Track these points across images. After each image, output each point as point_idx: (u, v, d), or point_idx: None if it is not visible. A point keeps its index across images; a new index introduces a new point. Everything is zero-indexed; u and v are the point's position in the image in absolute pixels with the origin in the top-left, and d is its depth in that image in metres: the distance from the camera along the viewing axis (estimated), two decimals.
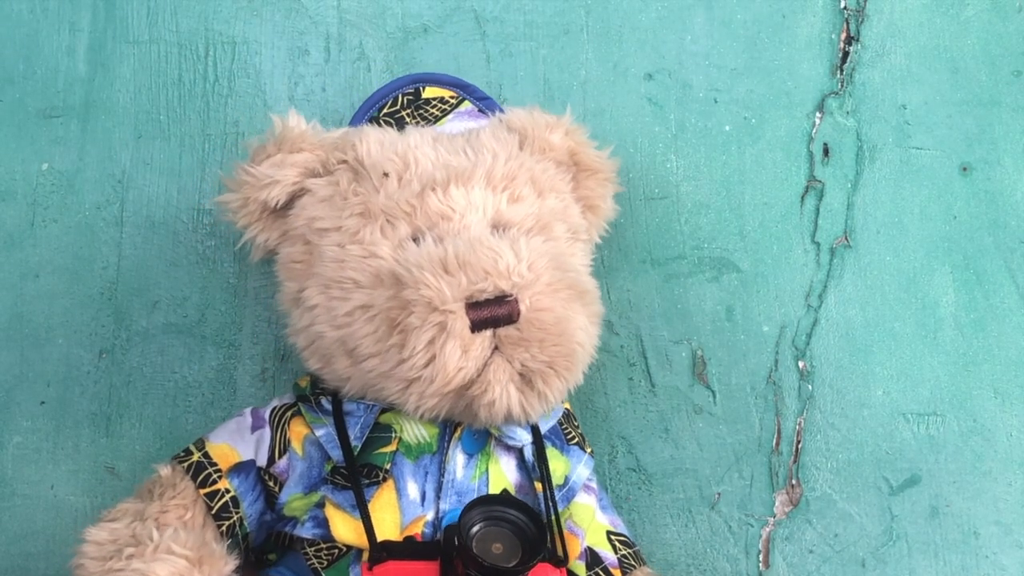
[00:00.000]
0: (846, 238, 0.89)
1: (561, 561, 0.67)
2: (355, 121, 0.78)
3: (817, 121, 0.91)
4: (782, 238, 0.89)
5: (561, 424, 0.75)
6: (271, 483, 0.70)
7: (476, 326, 0.64)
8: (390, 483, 0.67)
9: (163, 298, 0.88)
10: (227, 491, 0.69)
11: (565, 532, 0.71)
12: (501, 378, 0.64)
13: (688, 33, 0.92)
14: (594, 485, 0.76)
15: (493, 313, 0.64)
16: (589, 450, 0.75)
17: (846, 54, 0.92)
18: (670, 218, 0.90)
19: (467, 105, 0.79)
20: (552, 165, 0.75)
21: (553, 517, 0.69)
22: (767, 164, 0.90)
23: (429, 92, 0.79)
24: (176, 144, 0.90)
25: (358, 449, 0.68)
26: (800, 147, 0.91)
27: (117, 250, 0.88)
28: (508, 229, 0.69)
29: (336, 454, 0.68)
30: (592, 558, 0.73)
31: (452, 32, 0.92)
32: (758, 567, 0.85)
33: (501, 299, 0.64)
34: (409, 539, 0.65)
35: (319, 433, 0.69)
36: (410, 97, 0.78)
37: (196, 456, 0.70)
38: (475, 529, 0.61)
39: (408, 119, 0.77)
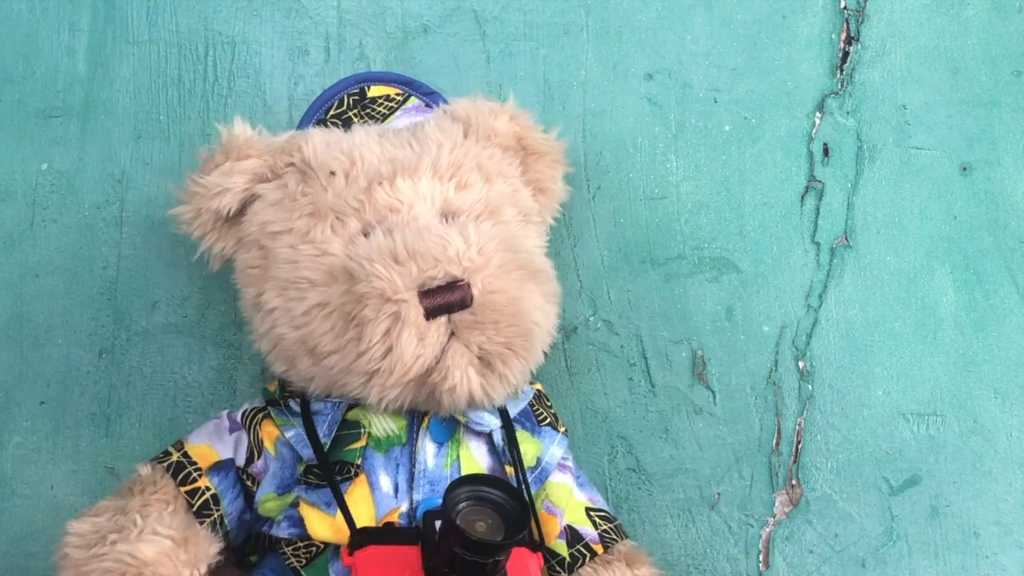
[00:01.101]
0: (846, 238, 0.89)
1: (537, 545, 0.68)
2: (302, 125, 0.78)
3: (817, 121, 0.91)
4: (782, 238, 0.89)
5: (532, 406, 0.75)
6: (249, 483, 0.70)
7: (430, 313, 0.64)
8: (362, 478, 0.67)
9: (163, 298, 0.88)
10: (207, 489, 0.69)
11: (542, 513, 0.72)
12: (460, 363, 0.65)
13: (688, 33, 0.92)
14: (570, 464, 0.76)
15: (446, 299, 0.64)
16: (563, 429, 0.76)
17: (846, 54, 0.92)
18: (670, 218, 0.90)
19: (413, 101, 0.79)
20: (498, 151, 0.76)
21: (528, 495, 0.69)
22: (767, 164, 0.90)
23: (375, 91, 0.79)
24: (176, 144, 0.90)
25: (328, 446, 0.68)
26: (800, 147, 0.91)
27: (117, 250, 0.88)
28: (457, 216, 0.70)
29: (307, 453, 0.68)
30: (572, 536, 0.73)
31: (452, 32, 0.92)
32: (758, 567, 0.85)
33: (453, 285, 0.64)
34: (388, 524, 0.66)
35: (289, 435, 0.70)
36: (355, 97, 0.78)
37: (175, 456, 0.70)
38: (460, 507, 0.61)
39: (355, 119, 0.77)
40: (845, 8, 0.92)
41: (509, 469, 0.70)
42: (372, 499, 0.67)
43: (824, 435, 0.87)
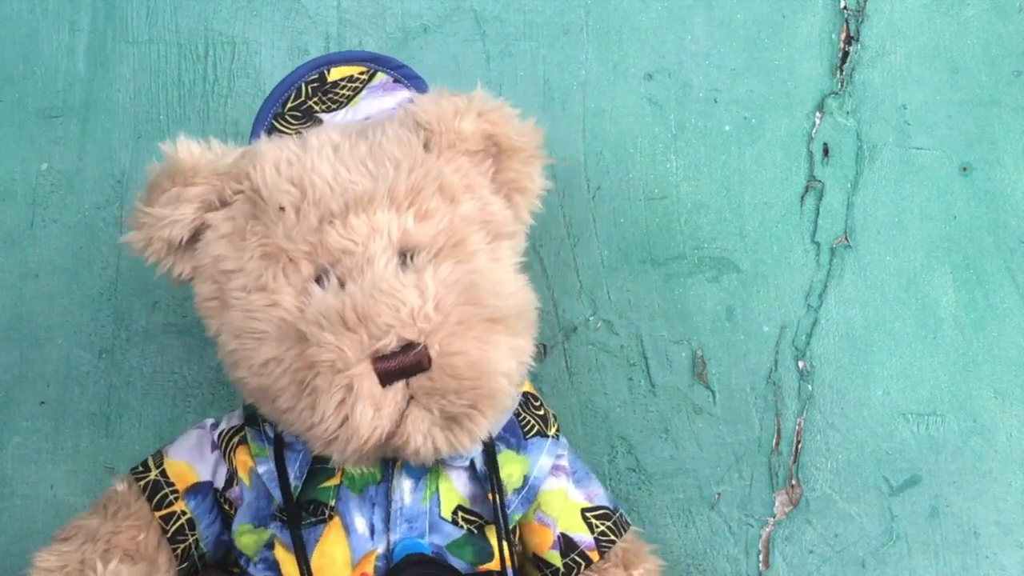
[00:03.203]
0: (846, 238, 0.89)
1: None
2: (259, 120, 0.74)
3: (817, 121, 0.91)
4: (782, 238, 0.89)
5: (518, 415, 0.72)
6: (227, 507, 0.70)
7: (384, 379, 0.60)
8: (336, 520, 0.67)
9: (163, 298, 0.88)
10: (183, 513, 0.69)
11: (535, 524, 0.71)
12: (421, 427, 0.62)
13: (688, 33, 0.92)
14: (564, 462, 0.74)
15: (401, 364, 0.60)
16: (553, 430, 0.73)
17: (846, 54, 0.92)
18: (670, 218, 0.90)
19: (381, 77, 0.74)
20: (465, 160, 0.69)
21: (504, 530, 0.67)
22: (767, 164, 0.90)
23: (335, 73, 0.74)
24: None
25: (299, 489, 0.67)
26: (800, 147, 0.91)
27: (117, 250, 0.88)
28: (417, 252, 0.65)
29: (278, 495, 0.67)
30: (567, 545, 0.72)
31: (452, 32, 0.92)
32: (758, 567, 0.85)
33: (410, 347, 0.61)
34: None
35: (261, 470, 0.68)
36: (315, 84, 0.73)
37: (153, 474, 0.69)
38: None
39: (317, 108, 0.73)
40: (845, 8, 0.92)
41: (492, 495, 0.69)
42: (347, 542, 0.66)
43: (824, 435, 0.87)
